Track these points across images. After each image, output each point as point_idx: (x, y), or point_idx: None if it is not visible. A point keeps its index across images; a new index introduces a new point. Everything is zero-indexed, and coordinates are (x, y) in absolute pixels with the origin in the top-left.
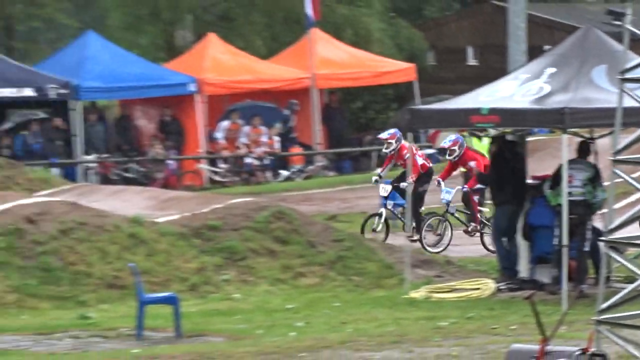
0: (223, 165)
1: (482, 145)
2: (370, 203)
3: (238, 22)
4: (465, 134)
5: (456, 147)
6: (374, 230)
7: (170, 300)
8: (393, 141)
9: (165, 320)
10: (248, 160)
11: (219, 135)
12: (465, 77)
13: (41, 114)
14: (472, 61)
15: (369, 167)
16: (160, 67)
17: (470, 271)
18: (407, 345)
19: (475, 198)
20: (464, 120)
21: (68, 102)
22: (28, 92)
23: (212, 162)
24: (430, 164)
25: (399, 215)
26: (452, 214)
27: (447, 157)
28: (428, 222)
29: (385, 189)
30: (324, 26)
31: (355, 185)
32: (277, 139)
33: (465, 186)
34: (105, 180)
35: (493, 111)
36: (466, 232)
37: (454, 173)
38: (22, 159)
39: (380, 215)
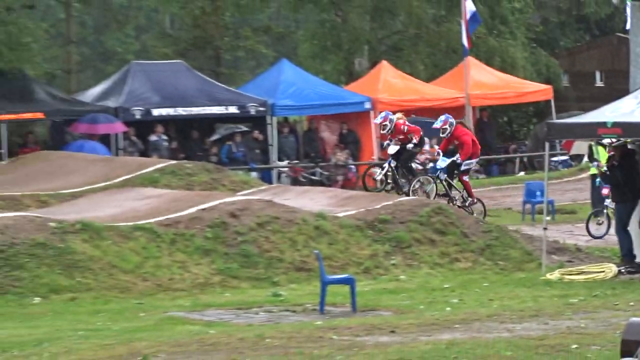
0: None
1: (606, 153)
2: (515, 201)
3: (406, 52)
4: (592, 143)
5: (447, 126)
6: (373, 179)
7: (348, 281)
8: (387, 123)
9: (343, 298)
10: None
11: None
12: (593, 97)
13: (243, 128)
14: (599, 83)
15: (513, 170)
16: (341, 88)
17: (596, 257)
18: (543, 318)
19: (466, 178)
20: (592, 132)
21: (265, 118)
22: (233, 109)
23: (384, 167)
24: (421, 131)
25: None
26: (441, 180)
27: (441, 135)
28: (416, 181)
29: (393, 148)
30: (477, 55)
31: (502, 186)
32: (437, 147)
33: (459, 157)
34: (295, 182)
35: (616, 124)
36: (454, 202)
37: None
38: (226, 164)
39: (382, 168)
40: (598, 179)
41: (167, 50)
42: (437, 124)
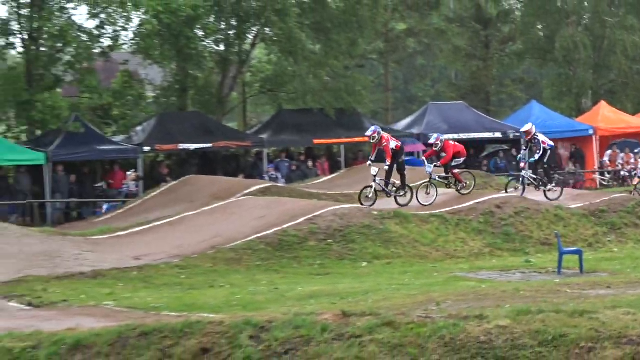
0: (607, 176)
1: None
2: None
3: (618, 95)
4: None
5: (439, 142)
6: (367, 197)
7: (577, 252)
8: (375, 134)
9: (574, 264)
10: (622, 172)
11: (605, 159)
12: None
13: (505, 147)
14: None
15: None
16: (572, 120)
17: None
18: None
19: (456, 170)
20: None
21: (520, 140)
22: (497, 135)
23: (601, 174)
24: (400, 143)
25: None
26: (435, 179)
27: (433, 147)
28: (421, 186)
29: (374, 170)
30: None
31: None
32: None
33: (439, 162)
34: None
35: None
36: (451, 186)
37: None
38: (493, 173)
39: (370, 187)
40: None
41: (453, 95)
42: (432, 140)
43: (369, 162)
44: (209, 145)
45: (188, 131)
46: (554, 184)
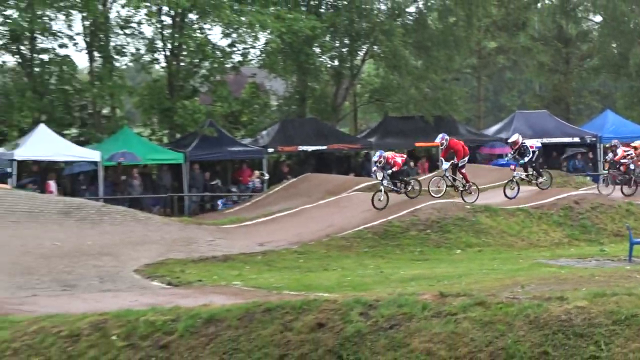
0: None
1: None
2: None
3: None
4: None
5: (444, 141)
6: (379, 200)
7: None
8: (381, 159)
9: None
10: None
11: None
12: None
13: (582, 150)
14: None
15: None
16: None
17: None
18: None
19: (463, 170)
20: None
21: (596, 145)
22: (576, 139)
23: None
24: (404, 158)
25: None
26: (447, 177)
27: (440, 147)
28: (433, 179)
29: (381, 175)
30: None
31: None
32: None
33: (455, 160)
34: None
35: None
36: (458, 190)
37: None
38: (572, 172)
39: (381, 190)
40: None
41: (537, 104)
42: (437, 140)
43: (374, 169)
44: (324, 147)
45: (306, 135)
46: (544, 177)
